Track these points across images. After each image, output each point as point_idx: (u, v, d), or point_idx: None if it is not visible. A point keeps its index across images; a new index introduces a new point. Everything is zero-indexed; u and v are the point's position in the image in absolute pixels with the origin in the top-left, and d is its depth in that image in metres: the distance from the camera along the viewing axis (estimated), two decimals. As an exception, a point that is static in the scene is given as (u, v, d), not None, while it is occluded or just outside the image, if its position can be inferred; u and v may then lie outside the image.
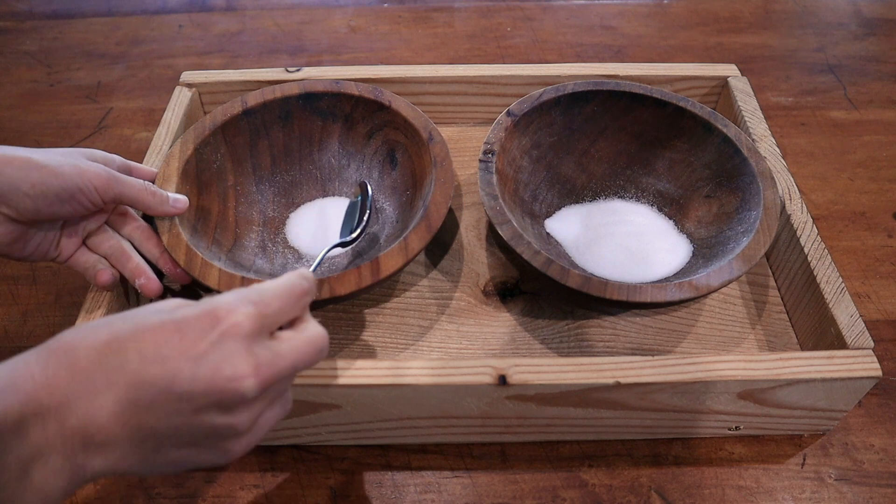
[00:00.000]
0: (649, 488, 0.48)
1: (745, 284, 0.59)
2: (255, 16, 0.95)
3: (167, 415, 0.30)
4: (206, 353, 0.30)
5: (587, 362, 0.45)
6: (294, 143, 0.63)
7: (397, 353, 0.54)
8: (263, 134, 0.61)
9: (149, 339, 0.30)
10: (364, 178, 0.63)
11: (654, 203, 0.61)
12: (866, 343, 0.47)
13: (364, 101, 0.61)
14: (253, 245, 0.58)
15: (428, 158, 0.57)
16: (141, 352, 0.30)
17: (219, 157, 0.59)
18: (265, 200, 0.61)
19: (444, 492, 0.48)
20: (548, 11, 0.97)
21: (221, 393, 0.30)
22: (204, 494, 0.47)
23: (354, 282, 0.48)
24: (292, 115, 0.62)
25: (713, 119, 0.59)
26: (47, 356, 0.30)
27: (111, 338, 0.30)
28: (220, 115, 0.59)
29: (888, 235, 0.65)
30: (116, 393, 0.29)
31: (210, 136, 0.58)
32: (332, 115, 0.63)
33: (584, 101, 0.61)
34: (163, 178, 0.54)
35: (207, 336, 0.30)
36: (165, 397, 0.29)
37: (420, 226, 0.52)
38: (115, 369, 0.29)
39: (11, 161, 0.41)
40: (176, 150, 0.56)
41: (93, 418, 0.29)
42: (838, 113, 0.79)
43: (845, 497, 0.48)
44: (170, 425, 0.30)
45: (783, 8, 0.98)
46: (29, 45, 0.89)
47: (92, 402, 0.29)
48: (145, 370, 0.29)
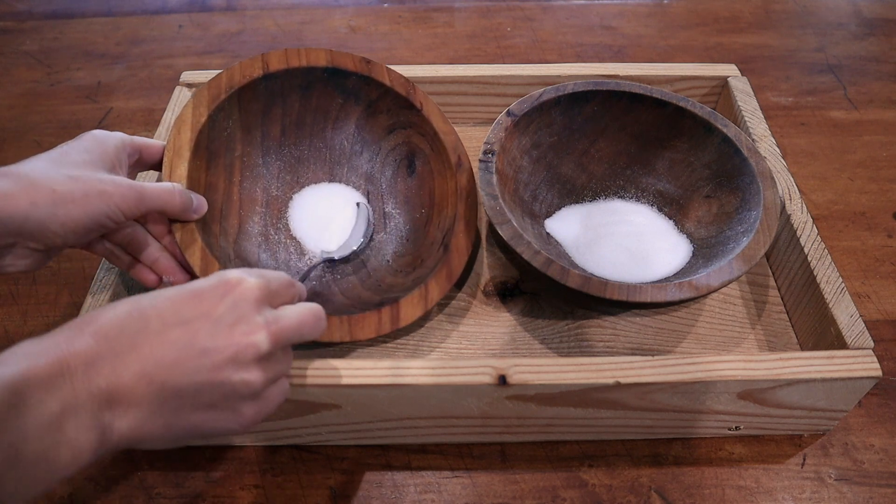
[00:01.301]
0: (649, 488, 0.48)
1: (745, 284, 0.59)
2: (255, 16, 0.95)
3: (188, 373, 0.32)
4: (222, 314, 0.33)
5: (587, 362, 0.45)
6: (308, 116, 0.59)
7: (397, 353, 0.54)
8: (279, 101, 0.57)
9: (168, 305, 0.33)
10: (375, 174, 0.61)
11: (654, 203, 0.61)
12: (866, 343, 0.47)
13: (394, 93, 0.58)
14: (256, 232, 0.56)
15: (452, 185, 0.56)
16: (162, 317, 0.32)
17: (230, 123, 0.55)
18: (270, 175, 0.58)
19: (444, 492, 0.48)
20: (548, 11, 0.97)
21: (238, 346, 0.33)
22: (204, 494, 0.47)
23: (374, 328, 0.49)
24: (314, 87, 0.57)
25: (713, 119, 0.59)
26: (71, 328, 0.32)
27: (132, 308, 0.33)
28: (239, 76, 0.54)
29: (888, 235, 0.65)
30: (140, 354, 0.31)
31: (225, 101, 0.53)
32: (356, 96, 0.59)
33: (584, 101, 0.61)
34: (173, 151, 0.50)
35: (224, 300, 0.34)
36: (187, 354, 0.32)
37: (440, 274, 0.51)
38: (139, 332, 0.32)
39: (36, 201, 0.39)
40: (188, 116, 0.52)
41: (118, 378, 0.31)
42: (838, 113, 0.79)
43: (845, 497, 0.48)
44: (191, 383, 0.32)
45: (783, 8, 0.98)
46: (29, 45, 0.89)
47: (117, 364, 0.31)
48: (167, 332, 0.32)
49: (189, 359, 0.32)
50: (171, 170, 0.50)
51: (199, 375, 0.32)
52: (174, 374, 0.32)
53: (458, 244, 0.54)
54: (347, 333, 0.48)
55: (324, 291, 0.55)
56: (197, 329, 0.32)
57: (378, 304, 0.51)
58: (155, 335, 0.32)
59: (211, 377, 0.33)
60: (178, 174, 0.50)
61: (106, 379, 0.30)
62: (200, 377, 0.32)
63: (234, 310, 0.34)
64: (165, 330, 0.32)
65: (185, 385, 0.32)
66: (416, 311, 0.50)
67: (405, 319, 0.50)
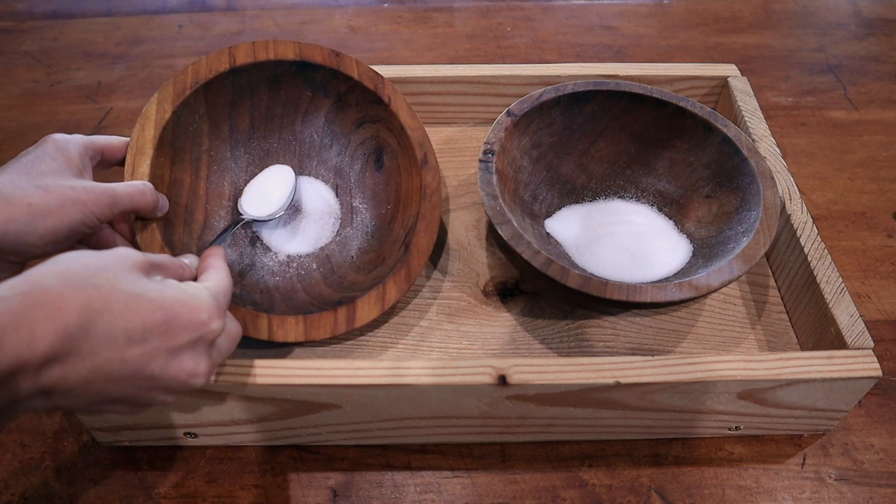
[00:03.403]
0: (649, 488, 0.48)
1: (745, 284, 0.59)
2: (255, 16, 0.95)
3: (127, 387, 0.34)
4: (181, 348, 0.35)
5: (587, 362, 0.45)
6: (278, 109, 0.59)
7: (397, 353, 0.54)
8: (247, 94, 0.57)
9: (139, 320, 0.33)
10: (344, 167, 0.60)
11: (654, 203, 0.61)
12: (866, 343, 0.47)
13: (362, 87, 0.58)
14: (221, 227, 0.55)
15: (417, 182, 0.56)
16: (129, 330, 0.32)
17: (196, 118, 0.54)
18: (238, 169, 0.58)
19: (444, 492, 0.48)
20: (548, 11, 0.97)
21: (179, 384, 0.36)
22: (204, 494, 0.47)
23: (329, 328, 0.49)
24: (282, 80, 0.57)
25: (713, 119, 0.59)
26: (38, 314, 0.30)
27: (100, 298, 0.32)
28: (205, 71, 0.53)
29: (888, 235, 0.65)
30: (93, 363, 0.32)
31: (191, 96, 0.53)
32: (325, 89, 0.58)
33: (584, 101, 0.61)
34: (136, 149, 0.50)
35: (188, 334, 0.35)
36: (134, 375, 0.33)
37: (399, 274, 0.52)
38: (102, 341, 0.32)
39: (13, 217, 0.39)
40: (152, 112, 0.51)
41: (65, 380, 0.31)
42: (838, 113, 0.79)
43: (845, 497, 0.48)
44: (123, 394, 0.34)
45: (783, 8, 0.98)
46: (29, 45, 0.89)
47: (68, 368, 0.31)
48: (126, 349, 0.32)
49: (133, 378, 0.33)
50: (133, 168, 0.49)
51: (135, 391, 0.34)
52: (115, 387, 0.33)
53: (418, 244, 0.53)
54: (302, 334, 0.49)
55: (286, 288, 0.55)
56: (153, 356, 0.34)
57: (336, 304, 0.51)
58: (115, 349, 0.32)
59: (142, 394, 0.35)
60: (140, 172, 0.49)
61: (53, 380, 0.31)
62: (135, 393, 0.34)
63: (193, 349, 0.36)
64: (126, 346, 0.32)
65: (118, 395, 0.34)
66: (372, 311, 0.50)
67: (361, 320, 0.50)
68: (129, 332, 0.32)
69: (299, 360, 0.45)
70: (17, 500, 0.47)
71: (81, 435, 0.50)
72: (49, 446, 0.49)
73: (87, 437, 0.50)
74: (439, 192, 0.56)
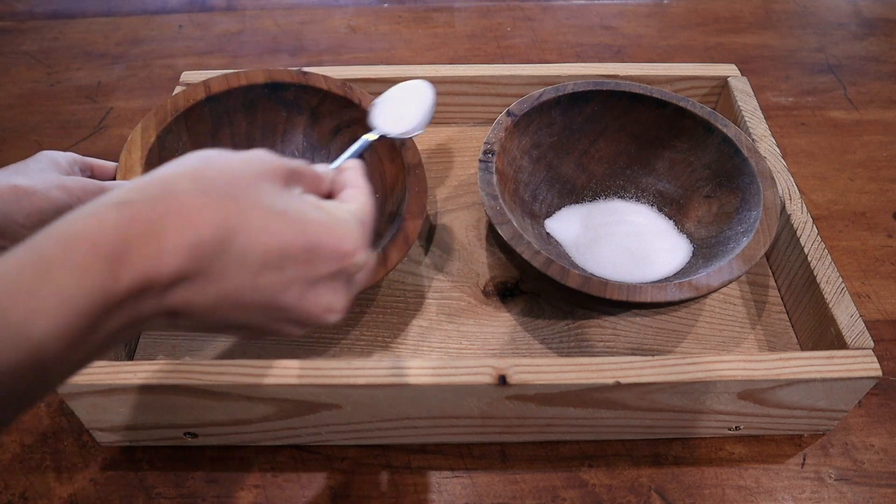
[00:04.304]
0: (649, 488, 0.48)
1: (745, 284, 0.59)
2: (255, 16, 0.95)
3: (255, 316, 0.30)
4: (319, 281, 0.31)
5: (587, 362, 0.45)
6: (257, 133, 0.61)
7: (397, 353, 0.54)
8: (226, 122, 0.59)
9: (278, 242, 0.29)
10: None
11: (654, 203, 0.61)
12: (866, 343, 0.47)
13: (332, 96, 0.60)
14: None
15: (399, 163, 0.56)
16: (267, 252, 0.29)
17: (180, 145, 0.56)
18: None
19: (444, 492, 0.48)
20: (548, 11, 0.97)
21: (311, 318, 0.31)
22: (204, 494, 0.47)
23: None
24: (256, 104, 0.60)
25: (713, 119, 0.59)
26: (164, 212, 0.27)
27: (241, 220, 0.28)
28: (183, 101, 0.56)
29: (888, 235, 0.65)
30: (223, 287, 0.28)
31: (172, 123, 0.55)
32: (298, 106, 0.61)
33: (584, 101, 0.61)
34: (125, 168, 0.51)
35: (328, 265, 0.31)
36: (265, 304, 0.30)
37: (398, 238, 0.52)
38: (234, 264, 0.28)
39: (0, 194, 0.41)
40: (137, 138, 0.53)
41: (191, 306, 0.28)
42: (838, 113, 0.79)
43: (845, 497, 0.48)
44: (251, 322, 0.31)
45: (783, 8, 0.98)
46: (29, 45, 0.89)
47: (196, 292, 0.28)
48: (261, 274, 0.29)
49: (264, 308, 0.30)
50: None
51: (263, 320, 0.31)
52: (242, 314, 0.30)
53: (410, 210, 0.54)
54: None
55: None
56: (288, 285, 0.30)
57: None
58: (249, 274, 0.28)
59: (270, 324, 0.31)
60: None
61: (178, 302, 0.27)
62: (263, 322, 0.31)
63: (332, 283, 0.31)
64: (261, 272, 0.29)
65: (244, 322, 0.30)
66: (376, 275, 0.50)
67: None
68: (267, 257, 0.29)
69: (299, 360, 0.45)
70: (17, 500, 0.47)
71: (81, 435, 0.50)
72: (49, 446, 0.49)
73: (87, 437, 0.50)
74: (422, 165, 0.56)
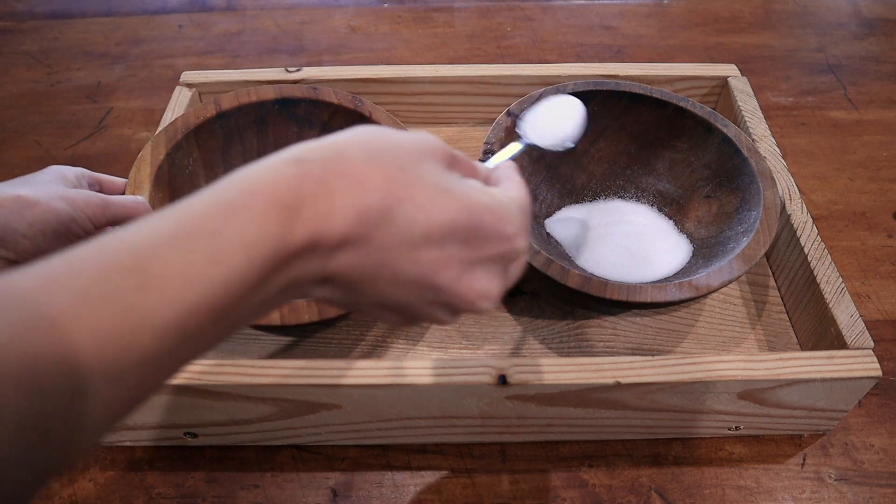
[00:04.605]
0: (649, 488, 0.48)
1: (745, 284, 0.59)
2: (255, 16, 0.95)
3: (408, 293, 0.30)
4: (479, 263, 0.30)
5: (587, 362, 0.45)
6: (269, 149, 0.59)
7: (397, 353, 0.54)
8: (237, 139, 0.59)
9: (444, 215, 0.28)
10: None
11: (654, 203, 0.61)
12: (866, 343, 0.47)
13: (343, 109, 0.60)
14: None
15: None
16: (429, 225, 0.28)
17: (191, 161, 0.57)
18: None
19: (444, 492, 0.48)
20: (548, 11, 0.97)
21: (465, 304, 0.30)
22: (204, 494, 0.47)
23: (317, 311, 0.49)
24: (267, 121, 0.60)
25: (713, 119, 0.59)
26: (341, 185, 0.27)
27: (409, 191, 0.28)
28: (193, 118, 0.57)
29: (888, 235, 0.65)
30: (384, 258, 0.28)
31: (182, 140, 0.55)
32: (309, 122, 0.61)
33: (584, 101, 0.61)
34: (134, 184, 0.52)
35: (489, 248, 0.30)
36: (421, 283, 0.29)
37: None
38: (398, 233, 0.28)
39: (2, 203, 0.40)
40: (147, 155, 0.54)
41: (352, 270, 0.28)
42: (838, 113, 0.79)
43: (845, 497, 0.48)
44: (402, 300, 0.30)
45: (783, 8, 0.98)
46: (29, 45, 0.89)
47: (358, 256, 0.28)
48: (422, 248, 0.28)
49: (421, 284, 0.29)
50: None
51: (417, 300, 0.30)
52: (398, 289, 0.29)
53: None
54: (316, 313, 0.48)
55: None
56: (447, 263, 0.29)
57: None
58: (410, 246, 0.28)
59: (423, 306, 0.30)
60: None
61: (341, 267, 0.27)
62: (416, 302, 0.30)
63: (491, 267, 0.31)
64: (423, 246, 0.28)
65: (398, 300, 0.30)
66: None
67: None
68: (429, 231, 0.28)
69: (299, 360, 0.45)
70: (17, 500, 0.47)
71: (81, 435, 0.50)
72: (49, 446, 0.49)
73: (87, 437, 0.50)
74: None
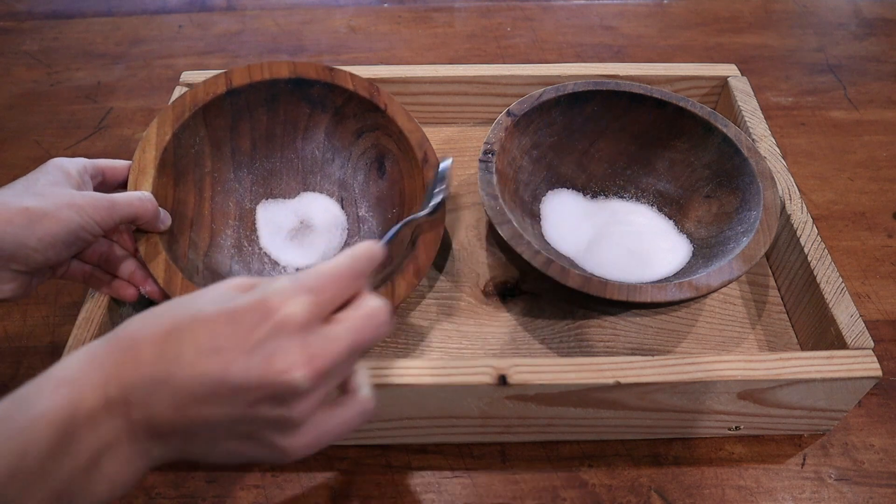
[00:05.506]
0: (649, 488, 0.48)
1: (745, 284, 0.59)
2: (255, 16, 0.95)
3: (221, 407, 0.30)
4: (258, 345, 0.30)
5: (587, 362, 0.45)
6: (278, 129, 0.59)
7: (397, 353, 0.54)
8: (246, 116, 0.57)
9: (204, 330, 0.30)
10: (348, 179, 0.61)
11: (654, 203, 0.61)
12: (866, 343, 0.47)
13: (358, 98, 0.58)
14: (229, 244, 0.56)
15: (420, 182, 0.56)
16: (197, 342, 0.30)
17: (197, 140, 0.55)
18: (243, 189, 0.59)
19: (444, 492, 0.48)
20: (548, 11, 0.97)
21: (273, 385, 0.30)
22: (204, 494, 0.47)
23: None
24: (279, 99, 0.58)
25: (713, 119, 0.59)
26: (114, 348, 0.31)
27: (171, 328, 0.31)
28: (203, 95, 0.54)
29: (888, 235, 0.65)
30: (174, 386, 0.30)
31: (190, 119, 0.53)
32: (322, 104, 0.59)
33: (584, 101, 0.61)
34: (138, 170, 0.50)
35: (260, 327, 0.30)
36: (219, 390, 0.30)
37: (407, 270, 0.51)
38: (174, 360, 0.30)
39: (10, 219, 0.40)
40: (152, 135, 0.52)
41: (154, 410, 0.30)
42: (838, 113, 0.79)
43: (845, 497, 0.48)
44: (224, 417, 0.30)
45: (783, 8, 0.98)
46: (29, 45, 0.89)
47: (153, 395, 0.30)
48: (200, 362, 0.30)
49: (221, 395, 0.30)
50: (135, 188, 0.50)
51: (234, 410, 0.30)
52: (207, 408, 0.30)
53: (425, 239, 0.53)
54: None
55: None
56: (230, 361, 0.30)
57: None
58: (189, 366, 0.30)
59: (245, 412, 0.30)
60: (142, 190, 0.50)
61: (142, 412, 0.30)
62: (235, 411, 0.30)
63: (271, 340, 0.30)
64: (199, 360, 0.30)
65: (219, 419, 0.30)
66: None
67: None
68: (198, 345, 0.30)
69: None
70: (17, 500, 0.47)
71: (81, 435, 0.50)
72: (49, 446, 0.49)
73: (87, 437, 0.50)
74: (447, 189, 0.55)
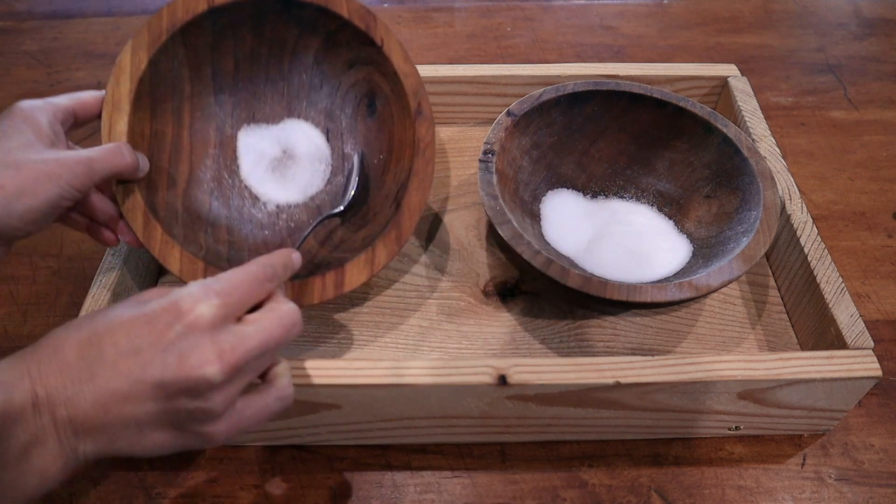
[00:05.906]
0: (649, 488, 0.48)
1: (745, 284, 0.59)
2: (255, 16, 0.95)
3: (143, 403, 0.33)
4: (172, 343, 0.33)
5: (587, 362, 0.45)
6: (263, 48, 0.55)
7: (397, 353, 0.54)
8: (229, 35, 0.54)
9: (122, 332, 0.33)
10: (335, 110, 0.58)
11: (654, 203, 0.61)
12: (866, 343, 0.47)
13: (352, 27, 0.54)
14: (208, 178, 0.54)
15: (411, 135, 0.53)
16: (116, 344, 0.33)
17: (175, 64, 0.51)
18: (223, 114, 0.56)
19: (444, 492, 0.48)
20: (548, 11, 0.97)
21: (188, 380, 0.33)
22: (204, 494, 0.47)
23: (318, 294, 0.48)
24: (266, 18, 0.54)
25: (713, 119, 0.59)
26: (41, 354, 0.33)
27: (91, 333, 0.34)
28: (181, 14, 0.50)
29: (888, 235, 0.65)
30: (96, 385, 0.32)
31: (168, 42, 0.50)
32: (314, 27, 0.55)
33: (584, 101, 0.61)
34: (112, 105, 0.48)
35: (173, 327, 0.33)
36: (139, 387, 0.33)
37: (389, 236, 0.50)
38: (95, 362, 0.33)
39: None
40: (126, 63, 0.48)
41: (78, 408, 0.32)
42: (838, 113, 0.79)
43: (845, 497, 0.48)
44: (147, 412, 0.33)
45: (783, 8, 0.98)
46: (29, 45, 0.89)
47: (77, 394, 0.32)
48: (120, 362, 0.33)
49: (142, 391, 0.33)
50: (110, 126, 0.48)
51: (155, 405, 0.33)
52: (129, 404, 0.33)
53: (409, 202, 0.51)
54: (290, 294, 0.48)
55: (275, 244, 0.54)
56: (148, 360, 0.33)
57: (325, 267, 0.50)
58: (109, 366, 0.32)
59: (166, 406, 0.33)
60: (118, 130, 0.48)
61: (68, 409, 0.32)
62: (156, 406, 0.33)
63: (185, 339, 0.33)
64: (118, 360, 0.33)
65: (142, 414, 0.33)
66: (361, 275, 0.49)
67: (350, 284, 0.49)
68: (117, 346, 0.33)
69: (299, 360, 0.45)
70: (17, 500, 0.47)
71: (81, 435, 0.50)
72: (49, 446, 0.49)
73: (87, 437, 0.50)
74: (433, 147, 0.53)
